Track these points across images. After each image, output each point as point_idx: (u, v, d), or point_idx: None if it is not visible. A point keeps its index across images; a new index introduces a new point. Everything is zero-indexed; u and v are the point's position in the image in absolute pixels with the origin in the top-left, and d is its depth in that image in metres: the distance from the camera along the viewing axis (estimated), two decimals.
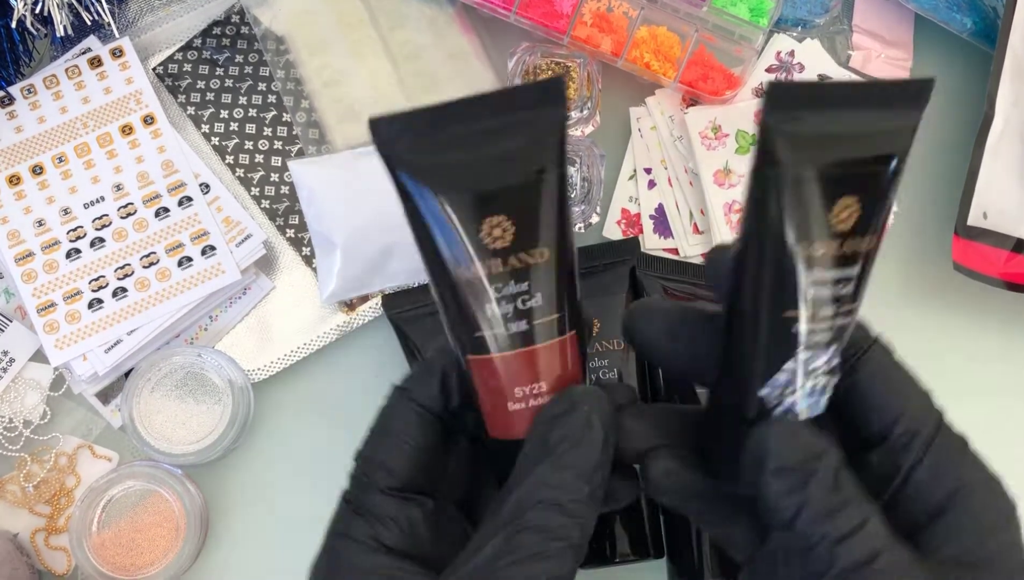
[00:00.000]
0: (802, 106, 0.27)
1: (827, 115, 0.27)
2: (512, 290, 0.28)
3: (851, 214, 0.27)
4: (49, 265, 0.57)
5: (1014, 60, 0.56)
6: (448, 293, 0.29)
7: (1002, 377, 0.58)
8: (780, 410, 0.28)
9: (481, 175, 0.28)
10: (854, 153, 0.27)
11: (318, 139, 0.59)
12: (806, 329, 0.27)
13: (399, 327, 0.56)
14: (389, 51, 0.61)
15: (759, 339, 0.28)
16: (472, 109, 0.27)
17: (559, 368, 0.29)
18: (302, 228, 0.59)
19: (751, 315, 0.28)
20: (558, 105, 0.28)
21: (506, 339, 0.29)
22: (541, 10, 0.57)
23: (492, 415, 0.30)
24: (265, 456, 0.57)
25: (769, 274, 0.27)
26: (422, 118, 0.27)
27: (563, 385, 0.30)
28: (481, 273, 0.28)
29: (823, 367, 0.28)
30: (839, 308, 0.28)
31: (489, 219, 0.27)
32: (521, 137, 0.28)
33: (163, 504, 0.54)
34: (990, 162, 0.55)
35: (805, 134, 0.27)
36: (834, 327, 0.28)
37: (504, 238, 0.27)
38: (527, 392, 0.29)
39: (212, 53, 0.61)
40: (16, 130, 0.59)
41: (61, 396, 0.57)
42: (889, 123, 0.27)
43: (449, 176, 0.28)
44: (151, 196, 0.58)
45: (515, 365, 0.29)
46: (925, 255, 0.59)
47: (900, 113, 0.28)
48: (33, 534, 0.56)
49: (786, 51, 0.60)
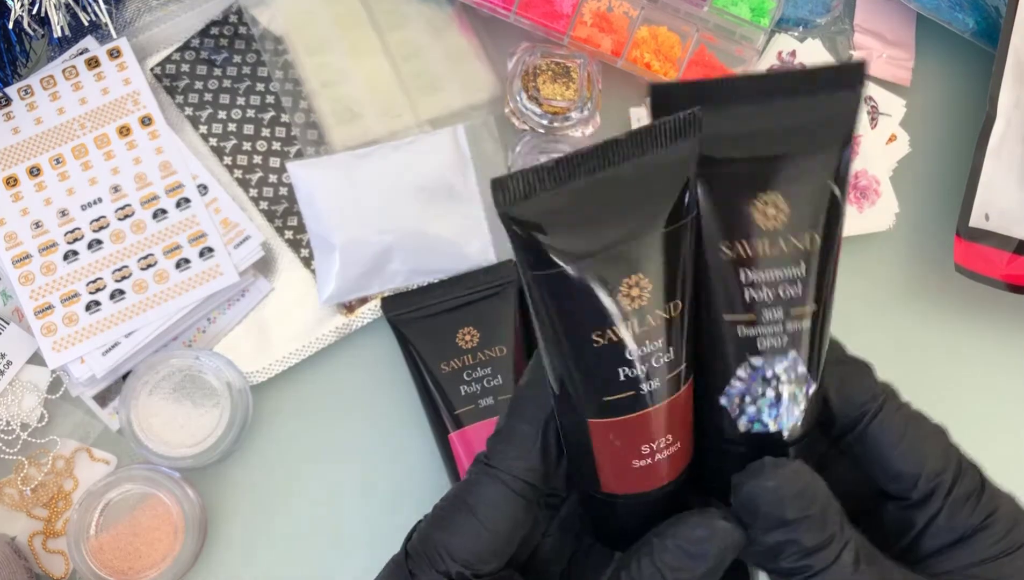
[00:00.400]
0: (688, 105, 0.26)
1: (718, 113, 0.26)
2: (647, 351, 0.27)
3: (778, 210, 0.26)
4: (46, 267, 0.56)
5: (1016, 60, 0.56)
6: (574, 361, 0.27)
7: (1004, 379, 0.58)
8: (744, 419, 0.28)
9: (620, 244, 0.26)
10: (750, 151, 0.26)
11: (317, 140, 0.59)
12: (753, 333, 0.27)
13: (398, 329, 0.56)
14: (388, 51, 0.60)
15: (708, 345, 0.28)
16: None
17: (683, 418, 0.29)
18: (301, 229, 0.59)
19: (699, 320, 0.28)
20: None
21: (637, 401, 0.27)
22: (541, 10, 0.57)
23: (610, 473, 0.29)
24: (264, 459, 0.57)
25: (702, 276, 0.27)
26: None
27: (685, 433, 0.29)
28: (623, 336, 0.26)
29: (784, 375, 0.27)
30: (789, 311, 0.27)
31: (627, 279, 0.26)
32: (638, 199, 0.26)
33: (161, 507, 0.54)
34: (992, 163, 0.55)
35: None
36: (788, 332, 0.27)
37: (642, 298, 0.26)
38: (653, 448, 0.28)
39: (210, 53, 0.61)
40: (13, 131, 0.58)
41: (59, 399, 0.57)
42: (794, 116, 0.26)
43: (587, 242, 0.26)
44: (149, 197, 0.58)
45: (646, 424, 0.28)
46: (926, 257, 0.59)
47: (809, 103, 0.26)
48: (31, 537, 0.56)
49: (787, 51, 0.60)
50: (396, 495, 0.56)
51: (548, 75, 0.58)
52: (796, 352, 0.27)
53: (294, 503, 0.56)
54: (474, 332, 0.55)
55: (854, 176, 0.57)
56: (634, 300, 0.26)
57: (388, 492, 0.56)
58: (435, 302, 0.56)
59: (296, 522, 0.56)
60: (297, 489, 0.57)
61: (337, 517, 0.57)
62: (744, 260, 0.26)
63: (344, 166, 0.57)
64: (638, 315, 0.26)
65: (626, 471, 0.29)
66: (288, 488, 0.57)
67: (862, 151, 0.57)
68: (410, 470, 0.56)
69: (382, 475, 0.57)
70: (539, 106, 0.57)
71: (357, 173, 0.57)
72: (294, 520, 0.56)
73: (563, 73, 0.58)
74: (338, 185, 0.57)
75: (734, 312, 0.27)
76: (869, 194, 0.57)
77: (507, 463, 0.30)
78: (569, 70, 0.58)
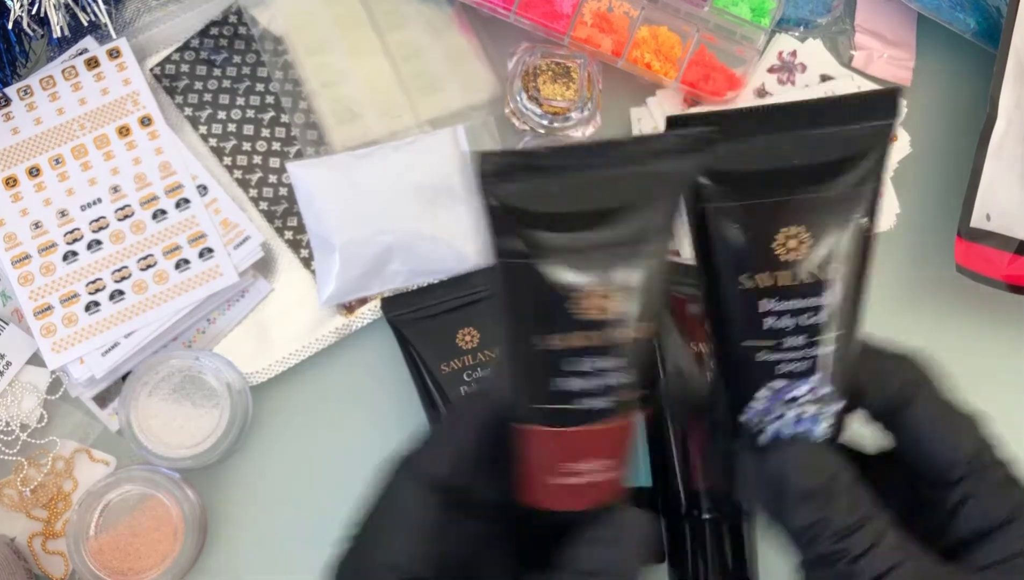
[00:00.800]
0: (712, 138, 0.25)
1: (745, 145, 0.26)
2: (600, 365, 0.26)
3: (800, 243, 0.25)
4: (46, 268, 0.56)
5: (1017, 61, 0.56)
6: (513, 361, 0.27)
7: (1004, 379, 0.58)
8: (765, 437, 0.28)
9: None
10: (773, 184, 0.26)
11: (317, 140, 0.59)
12: (773, 358, 0.27)
13: (398, 330, 0.56)
14: (388, 51, 0.60)
15: (727, 367, 0.28)
16: None
17: (616, 448, 0.28)
18: (300, 230, 0.58)
19: (716, 343, 0.28)
20: None
21: (566, 416, 0.27)
22: (541, 10, 0.57)
23: (530, 484, 0.28)
24: (263, 460, 0.57)
25: (716, 305, 0.27)
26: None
27: (617, 465, 0.28)
28: (577, 343, 0.26)
29: (808, 396, 0.27)
30: (811, 338, 0.27)
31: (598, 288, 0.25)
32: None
33: (161, 508, 0.54)
34: (993, 163, 0.55)
35: (720, 168, 0.25)
36: (809, 357, 0.27)
37: (606, 311, 0.25)
38: (574, 469, 0.27)
39: (210, 53, 0.61)
40: (13, 132, 0.58)
41: (58, 400, 0.57)
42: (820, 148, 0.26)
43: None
44: (148, 198, 0.58)
45: (578, 441, 0.27)
46: (928, 257, 0.59)
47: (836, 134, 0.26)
48: (30, 538, 0.56)
49: (788, 51, 0.60)
50: None
51: (548, 75, 0.58)
52: (820, 374, 0.28)
53: (294, 504, 0.56)
54: (474, 333, 0.55)
55: None
56: (602, 311, 0.25)
57: None
58: (435, 303, 0.56)
59: (296, 523, 0.56)
60: (297, 490, 0.57)
61: (337, 518, 0.56)
62: (764, 290, 0.26)
63: (344, 166, 0.57)
64: (598, 328, 0.25)
65: (545, 486, 0.28)
66: (288, 489, 0.57)
67: None
68: None
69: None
70: (539, 106, 0.57)
71: (357, 173, 0.57)
72: (294, 521, 0.56)
73: (563, 73, 0.58)
74: (338, 185, 0.57)
75: (753, 338, 0.27)
76: None
77: (422, 463, 0.30)
78: (569, 70, 0.58)
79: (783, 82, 0.59)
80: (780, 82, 0.59)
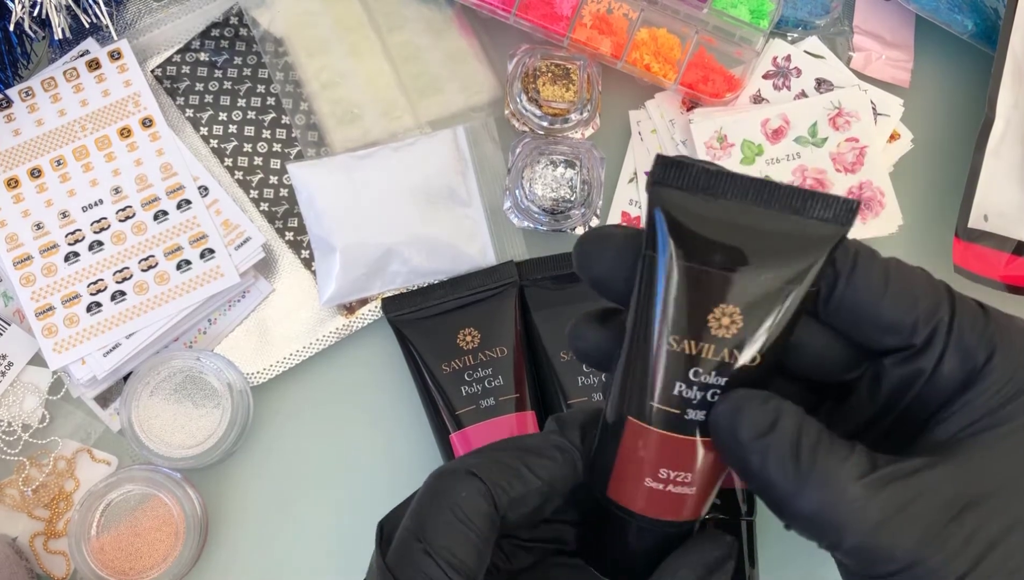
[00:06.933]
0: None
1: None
2: (709, 381, 0.27)
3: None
4: (47, 268, 0.56)
5: (1015, 62, 0.56)
6: (643, 356, 0.27)
7: None
8: None
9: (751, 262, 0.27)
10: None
11: (317, 141, 0.59)
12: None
13: (399, 330, 0.56)
14: (388, 52, 0.60)
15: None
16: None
17: (710, 469, 0.29)
18: (301, 231, 0.59)
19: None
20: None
21: (679, 422, 0.28)
22: (541, 11, 0.57)
23: (621, 480, 0.29)
24: (264, 460, 0.57)
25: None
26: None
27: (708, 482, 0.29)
28: (693, 351, 0.27)
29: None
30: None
31: (723, 306, 0.26)
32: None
33: (162, 508, 0.54)
34: (991, 164, 0.55)
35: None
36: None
37: (731, 329, 0.26)
38: (670, 476, 0.28)
39: (211, 55, 0.61)
40: (14, 133, 0.58)
41: (60, 400, 0.57)
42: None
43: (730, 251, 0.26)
44: (149, 199, 0.58)
45: (682, 449, 0.28)
46: (925, 258, 0.59)
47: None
48: (32, 538, 0.56)
49: (783, 56, 0.60)
50: (397, 496, 0.56)
51: (548, 77, 0.58)
52: None
53: (295, 503, 0.57)
54: (475, 333, 0.55)
55: (858, 187, 0.57)
56: (720, 328, 0.26)
57: (389, 493, 0.56)
58: (436, 303, 0.56)
59: (296, 522, 0.56)
60: (297, 489, 0.57)
61: (337, 518, 0.57)
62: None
63: (344, 167, 0.58)
64: (716, 343, 0.26)
65: (637, 485, 0.29)
66: (289, 488, 0.57)
67: (867, 161, 0.57)
68: (411, 471, 0.56)
69: (383, 476, 0.57)
70: (539, 108, 0.57)
71: (357, 174, 0.57)
72: (295, 520, 0.56)
73: (563, 75, 0.58)
74: (338, 186, 0.57)
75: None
76: (873, 205, 0.57)
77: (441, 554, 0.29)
78: (569, 72, 0.58)
79: (779, 88, 0.60)
80: (776, 88, 0.60)
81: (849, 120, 0.58)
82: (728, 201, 0.26)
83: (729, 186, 0.26)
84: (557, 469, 0.30)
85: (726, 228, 0.26)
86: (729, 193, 0.26)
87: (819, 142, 0.58)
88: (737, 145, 0.58)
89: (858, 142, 0.58)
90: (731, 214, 0.26)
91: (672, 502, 0.29)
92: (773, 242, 0.26)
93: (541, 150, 0.57)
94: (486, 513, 0.29)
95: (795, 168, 0.58)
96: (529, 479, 0.29)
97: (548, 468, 0.30)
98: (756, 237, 0.26)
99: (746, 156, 0.58)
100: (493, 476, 0.29)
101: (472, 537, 0.28)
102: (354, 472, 0.57)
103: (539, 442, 0.30)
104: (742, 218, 0.26)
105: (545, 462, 0.30)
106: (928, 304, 0.27)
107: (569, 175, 0.56)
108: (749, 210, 0.26)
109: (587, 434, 0.31)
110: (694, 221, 0.26)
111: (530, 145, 0.57)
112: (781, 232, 0.26)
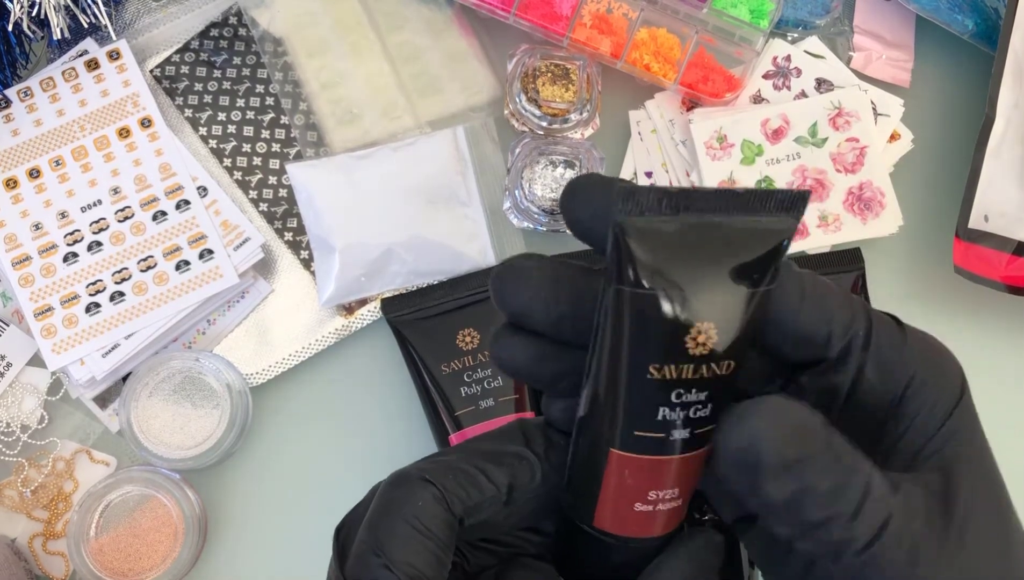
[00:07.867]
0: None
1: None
2: (687, 399, 0.27)
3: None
4: (46, 269, 0.56)
5: (1015, 62, 0.56)
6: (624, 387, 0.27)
7: (1003, 380, 0.58)
8: None
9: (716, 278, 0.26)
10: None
11: (316, 141, 0.59)
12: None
13: (398, 330, 0.56)
14: (387, 53, 0.60)
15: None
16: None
17: (693, 477, 0.29)
18: (300, 231, 0.59)
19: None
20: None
21: (664, 445, 0.27)
22: (540, 11, 0.57)
23: (609, 509, 0.29)
24: (263, 460, 0.57)
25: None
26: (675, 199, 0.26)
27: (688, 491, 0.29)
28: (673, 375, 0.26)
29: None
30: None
31: (699, 324, 0.26)
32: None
33: (161, 509, 0.54)
34: (991, 164, 0.55)
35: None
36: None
37: (707, 345, 0.26)
38: (659, 496, 0.28)
39: (210, 55, 0.61)
40: (13, 133, 0.58)
41: (59, 400, 0.57)
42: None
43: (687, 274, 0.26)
44: (148, 199, 0.58)
45: (670, 469, 0.28)
46: (926, 258, 0.59)
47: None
48: (31, 539, 0.56)
49: (782, 56, 0.60)
50: None
51: (547, 77, 0.58)
52: None
53: (294, 504, 0.56)
54: (474, 333, 0.55)
55: (858, 187, 0.57)
56: (697, 346, 0.26)
57: None
58: (435, 303, 0.56)
59: (296, 523, 0.56)
60: (297, 490, 0.57)
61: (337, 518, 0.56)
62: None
63: (344, 168, 0.57)
64: (694, 362, 0.26)
65: (626, 512, 0.28)
66: (288, 489, 0.57)
67: (867, 161, 0.57)
68: None
69: (382, 476, 0.57)
70: (539, 108, 0.57)
71: (357, 175, 0.57)
72: (294, 521, 0.56)
73: (562, 75, 0.58)
74: (338, 187, 0.57)
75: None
76: (873, 206, 0.57)
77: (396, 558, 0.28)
78: (568, 72, 0.58)
79: (779, 88, 0.59)
80: (776, 88, 0.59)
81: (849, 120, 0.58)
82: (688, 216, 0.26)
83: (682, 201, 0.26)
84: (515, 477, 0.29)
85: (691, 246, 0.26)
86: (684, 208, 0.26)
87: (819, 142, 0.58)
88: (737, 145, 0.58)
89: (858, 142, 0.58)
90: (692, 230, 0.26)
91: (662, 518, 0.29)
92: (735, 248, 0.26)
93: (541, 150, 0.57)
94: (444, 520, 0.28)
95: (795, 168, 0.58)
96: (485, 487, 0.29)
97: (506, 476, 0.29)
98: (721, 246, 0.26)
99: (746, 156, 0.58)
100: (448, 483, 0.29)
101: (431, 546, 0.28)
102: (353, 473, 0.57)
103: (497, 447, 0.30)
104: (704, 231, 0.26)
105: (503, 470, 0.29)
106: (843, 317, 0.27)
107: (569, 175, 0.56)
108: (708, 222, 0.26)
109: (552, 445, 0.30)
110: (661, 247, 0.26)
111: (530, 145, 0.57)
112: (742, 237, 0.26)
